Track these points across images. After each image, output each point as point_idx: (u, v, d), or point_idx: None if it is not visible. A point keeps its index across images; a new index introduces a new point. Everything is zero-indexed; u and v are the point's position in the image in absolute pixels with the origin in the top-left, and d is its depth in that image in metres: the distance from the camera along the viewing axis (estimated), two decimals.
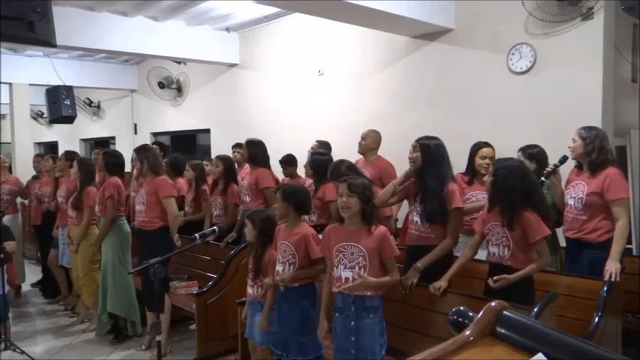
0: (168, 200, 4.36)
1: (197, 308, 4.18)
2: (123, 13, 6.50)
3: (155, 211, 4.35)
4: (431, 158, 3.26)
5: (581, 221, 3.33)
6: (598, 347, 0.96)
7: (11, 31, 3.71)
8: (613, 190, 3.19)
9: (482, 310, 1.07)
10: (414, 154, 3.33)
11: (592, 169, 3.30)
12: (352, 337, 2.71)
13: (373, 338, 2.70)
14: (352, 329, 2.72)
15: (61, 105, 7.68)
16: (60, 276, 5.95)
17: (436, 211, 3.19)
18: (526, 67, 4.70)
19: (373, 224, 2.75)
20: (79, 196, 5.05)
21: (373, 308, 2.73)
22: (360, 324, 2.71)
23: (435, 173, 3.24)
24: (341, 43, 6.28)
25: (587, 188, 3.29)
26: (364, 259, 2.71)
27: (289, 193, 3.12)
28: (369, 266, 2.71)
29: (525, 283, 2.91)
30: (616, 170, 3.27)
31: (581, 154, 3.37)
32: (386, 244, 2.72)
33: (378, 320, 2.74)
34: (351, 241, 2.76)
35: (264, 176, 4.82)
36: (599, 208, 3.26)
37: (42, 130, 12.63)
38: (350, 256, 2.75)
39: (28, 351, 4.40)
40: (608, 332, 2.91)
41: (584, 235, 3.31)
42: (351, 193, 2.72)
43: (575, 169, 3.51)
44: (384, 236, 2.73)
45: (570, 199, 3.40)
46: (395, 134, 5.21)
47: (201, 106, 8.52)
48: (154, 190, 4.35)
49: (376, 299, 2.75)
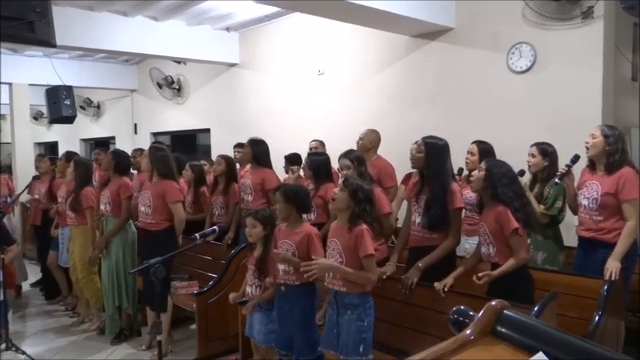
0: (176, 205, 4.34)
1: (198, 308, 4.18)
2: (123, 13, 6.50)
3: (162, 215, 4.33)
4: (435, 160, 3.24)
5: (597, 221, 3.29)
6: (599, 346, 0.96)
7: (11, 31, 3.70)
8: (627, 189, 3.16)
9: (483, 310, 1.07)
10: (417, 153, 3.31)
11: (609, 169, 3.26)
12: (335, 330, 2.81)
13: (349, 334, 2.75)
14: (334, 322, 2.82)
15: (61, 105, 7.68)
16: (60, 276, 5.94)
17: (438, 219, 3.20)
18: (526, 67, 4.69)
19: (356, 225, 2.76)
20: (77, 197, 5.00)
21: (352, 305, 2.77)
22: (340, 319, 2.80)
23: (438, 178, 3.23)
24: (341, 43, 6.28)
25: (602, 188, 3.25)
26: (340, 256, 2.78)
27: (291, 194, 3.11)
28: (345, 263, 2.76)
29: (523, 281, 2.91)
30: (631, 170, 3.23)
31: (599, 152, 3.30)
32: (360, 243, 2.73)
33: (355, 318, 2.76)
34: (334, 237, 2.84)
35: (270, 177, 4.83)
36: (615, 208, 3.22)
37: (42, 131, 12.63)
38: (331, 251, 2.84)
39: (29, 351, 4.40)
40: (609, 331, 2.91)
41: (600, 235, 3.28)
42: (343, 187, 2.77)
43: (587, 169, 3.47)
44: (359, 235, 2.74)
45: (584, 199, 3.36)
46: (395, 134, 5.21)
47: (201, 106, 8.52)
48: (161, 194, 4.32)
49: (355, 297, 2.77)
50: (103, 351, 4.61)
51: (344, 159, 3.75)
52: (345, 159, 3.74)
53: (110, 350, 4.62)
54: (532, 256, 3.67)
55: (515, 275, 2.88)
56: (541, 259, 3.62)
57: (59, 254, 5.64)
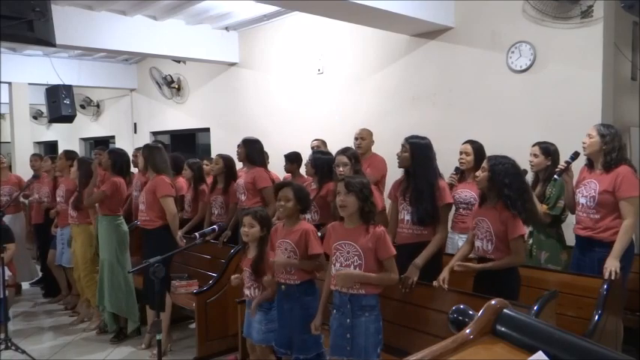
0: (166, 199, 4.32)
1: (197, 307, 4.18)
2: (122, 12, 6.50)
3: (155, 211, 4.34)
4: (420, 158, 3.30)
5: (595, 220, 3.30)
6: (598, 345, 0.96)
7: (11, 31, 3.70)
8: (625, 188, 3.17)
9: (483, 309, 1.07)
10: (403, 153, 3.36)
11: (606, 167, 3.27)
12: (347, 335, 2.74)
13: (367, 337, 2.72)
14: (348, 326, 2.74)
15: (61, 104, 7.68)
16: (59, 275, 5.95)
17: (428, 213, 3.24)
18: (526, 66, 4.69)
19: (371, 223, 2.76)
20: (80, 196, 5.02)
21: (369, 307, 2.74)
22: (355, 322, 2.73)
23: (424, 174, 3.28)
24: (341, 42, 6.28)
25: (600, 186, 3.26)
26: (359, 259, 2.73)
27: (303, 194, 3.14)
28: (364, 265, 2.72)
29: (509, 277, 2.94)
30: (629, 169, 3.24)
31: (596, 151, 3.31)
32: (381, 245, 2.73)
33: (373, 319, 2.75)
34: (348, 240, 2.77)
35: (261, 176, 4.81)
36: (612, 206, 3.23)
37: (42, 130, 12.63)
38: (346, 254, 2.77)
39: (29, 350, 4.40)
40: (609, 330, 2.91)
41: (596, 233, 3.29)
42: (348, 191, 2.73)
43: (585, 167, 3.48)
44: (380, 237, 2.73)
45: (582, 197, 3.37)
46: (395, 133, 5.17)
47: (200, 105, 8.51)
48: (153, 189, 4.34)
49: (372, 298, 2.76)
50: (102, 350, 4.61)
51: (342, 156, 3.78)
52: (343, 156, 3.76)
53: (110, 349, 4.62)
54: (535, 255, 3.68)
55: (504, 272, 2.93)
56: (544, 259, 3.63)
57: (58, 254, 5.64)
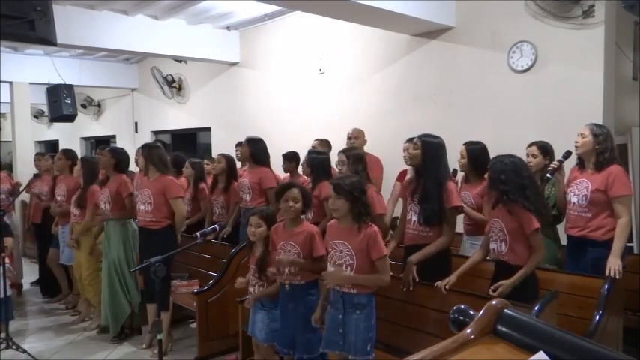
0: (177, 201, 4.34)
1: (198, 307, 4.18)
2: (123, 12, 6.51)
3: (163, 212, 4.32)
4: (431, 157, 3.25)
5: (586, 219, 3.31)
6: (599, 345, 0.96)
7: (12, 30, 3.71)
8: (617, 187, 3.19)
9: (483, 309, 1.07)
10: (413, 151, 3.32)
11: (598, 167, 3.28)
12: (340, 330, 2.79)
13: (357, 334, 2.76)
14: (340, 322, 2.80)
15: (62, 104, 7.69)
16: (60, 274, 5.95)
17: (435, 213, 3.20)
18: (527, 66, 4.69)
19: (364, 223, 2.77)
20: (83, 194, 5.04)
21: (361, 305, 2.78)
22: (347, 318, 2.79)
23: (434, 174, 3.23)
24: (342, 42, 6.28)
25: (591, 185, 3.27)
26: (351, 258, 2.76)
27: (307, 195, 3.17)
28: (356, 265, 2.75)
29: (528, 281, 2.90)
30: (620, 168, 3.27)
31: (589, 151, 3.33)
32: (373, 245, 2.74)
33: (364, 317, 2.77)
34: (341, 239, 2.81)
35: (267, 176, 4.81)
36: (604, 205, 3.25)
37: (43, 129, 12.63)
38: (339, 253, 2.80)
39: (30, 349, 4.40)
40: (609, 330, 2.91)
41: (588, 232, 3.30)
42: (338, 195, 2.76)
43: (576, 167, 3.50)
44: (372, 236, 2.74)
45: (574, 196, 3.38)
46: (395, 132, 5.21)
47: (201, 105, 8.52)
48: (162, 191, 4.31)
49: (364, 297, 2.78)
50: (103, 349, 4.61)
51: (341, 154, 3.78)
52: (342, 154, 3.76)
53: (110, 349, 4.62)
54: None
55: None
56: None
57: (60, 252, 5.65)
